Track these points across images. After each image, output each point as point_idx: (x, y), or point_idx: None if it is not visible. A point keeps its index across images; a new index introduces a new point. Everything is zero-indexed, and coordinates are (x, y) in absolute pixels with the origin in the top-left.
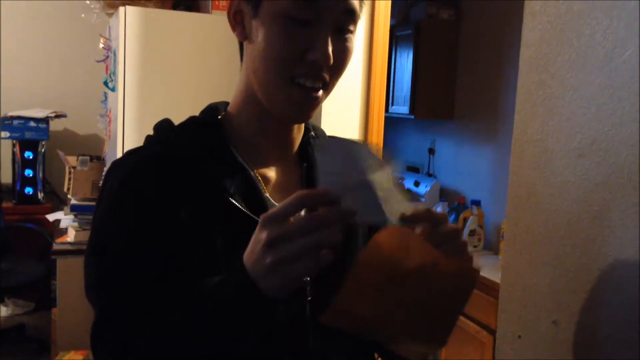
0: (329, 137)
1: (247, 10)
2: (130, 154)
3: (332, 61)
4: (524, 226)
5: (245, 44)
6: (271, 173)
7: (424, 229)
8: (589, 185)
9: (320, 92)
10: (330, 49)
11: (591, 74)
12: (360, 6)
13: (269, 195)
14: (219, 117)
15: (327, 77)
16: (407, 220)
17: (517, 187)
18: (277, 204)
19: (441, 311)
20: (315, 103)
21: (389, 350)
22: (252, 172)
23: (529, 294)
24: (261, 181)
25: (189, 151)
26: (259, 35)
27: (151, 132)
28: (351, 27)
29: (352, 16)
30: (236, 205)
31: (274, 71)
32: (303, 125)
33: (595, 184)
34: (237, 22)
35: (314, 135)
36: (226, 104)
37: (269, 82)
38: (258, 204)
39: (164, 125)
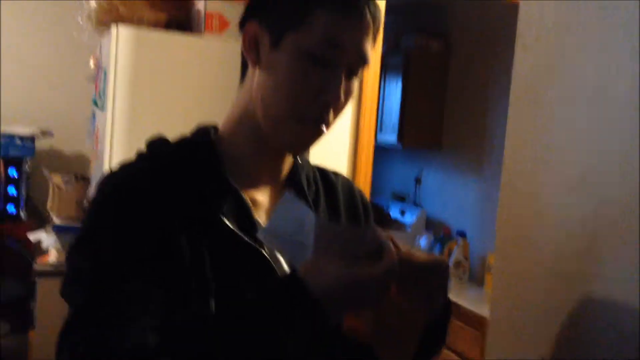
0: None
1: (265, 38)
2: (124, 167)
3: (340, 103)
4: (512, 260)
5: (253, 69)
6: (260, 196)
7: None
8: (578, 219)
9: (325, 128)
10: (342, 91)
11: (582, 108)
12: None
13: (259, 217)
14: (210, 137)
15: (331, 116)
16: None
17: (505, 220)
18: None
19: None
20: (317, 139)
21: None
22: (242, 194)
23: (517, 329)
24: (251, 204)
25: (181, 169)
26: (277, 66)
27: (140, 150)
28: (359, 72)
29: (364, 62)
30: (228, 225)
31: (286, 106)
32: None
33: (585, 218)
34: (252, 47)
35: (300, 161)
36: (215, 126)
37: (277, 115)
38: (248, 225)
39: (157, 142)
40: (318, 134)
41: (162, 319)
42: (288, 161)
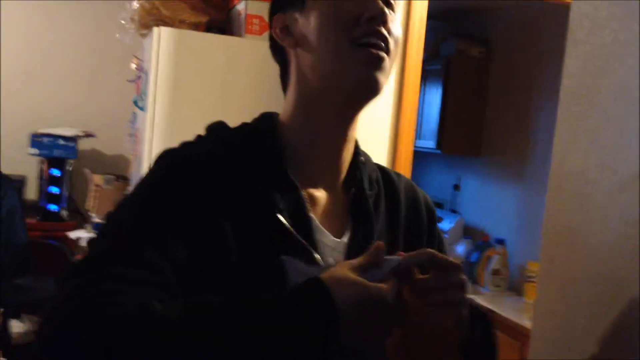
0: None
1: (292, 16)
2: (185, 145)
3: (387, 17)
4: (560, 263)
5: (294, 53)
6: (318, 193)
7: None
8: (632, 220)
9: (384, 53)
10: (383, 4)
11: (636, 105)
12: None
13: (314, 215)
14: (274, 124)
15: (387, 36)
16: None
17: (553, 222)
18: (320, 226)
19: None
20: (382, 65)
21: None
22: (301, 191)
23: (564, 334)
24: (308, 200)
25: (240, 155)
26: (313, 23)
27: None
28: (394, 3)
29: None
30: (282, 221)
31: (335, 38)
32: (352, 147)
33: (637, 219)
34: (284, 34)
35: (363, 160)
36: (277, 114)
37: (331, 54)
38: (303, 223)
39: (219, 127)
40: (378, 54)
41: (172, 295)
42: (348, 157)
